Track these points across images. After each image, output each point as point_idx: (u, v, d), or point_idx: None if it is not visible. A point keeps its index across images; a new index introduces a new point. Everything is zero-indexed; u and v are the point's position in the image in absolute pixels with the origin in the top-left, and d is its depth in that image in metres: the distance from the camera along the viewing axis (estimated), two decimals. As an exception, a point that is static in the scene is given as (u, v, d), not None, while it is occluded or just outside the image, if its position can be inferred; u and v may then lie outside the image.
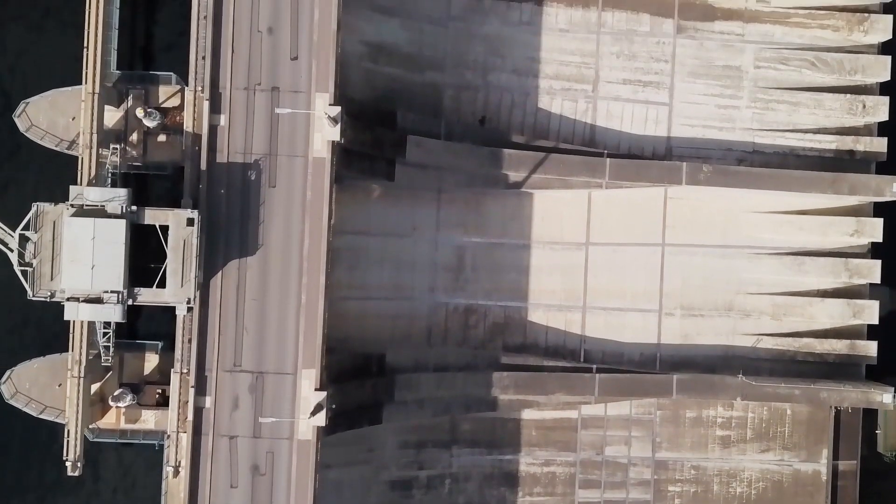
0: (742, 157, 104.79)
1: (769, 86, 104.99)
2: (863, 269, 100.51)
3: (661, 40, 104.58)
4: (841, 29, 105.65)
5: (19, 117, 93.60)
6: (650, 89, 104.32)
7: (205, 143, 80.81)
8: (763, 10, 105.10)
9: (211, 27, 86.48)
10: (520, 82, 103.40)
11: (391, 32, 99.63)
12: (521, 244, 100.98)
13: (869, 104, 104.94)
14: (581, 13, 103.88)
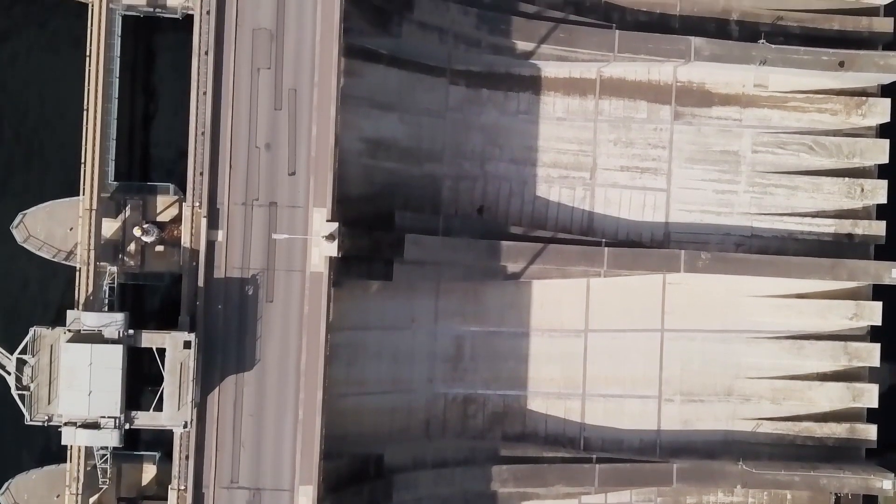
0: (741, 242, 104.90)
1: (767, 170, 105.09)
2: (862, 353, 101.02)
3: (659, 126, 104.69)
4: (839, 112, 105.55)
5: (17, 228, 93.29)
6: (648, 175, 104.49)
7: (202, 258, 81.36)
8: (761, 95, 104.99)
9: (209, 143, 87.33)
10: (518, 171, 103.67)
11: (390, 127, 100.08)
12: (520, 332, 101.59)
13: (867, 187, 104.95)
14: (578, 101, 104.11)
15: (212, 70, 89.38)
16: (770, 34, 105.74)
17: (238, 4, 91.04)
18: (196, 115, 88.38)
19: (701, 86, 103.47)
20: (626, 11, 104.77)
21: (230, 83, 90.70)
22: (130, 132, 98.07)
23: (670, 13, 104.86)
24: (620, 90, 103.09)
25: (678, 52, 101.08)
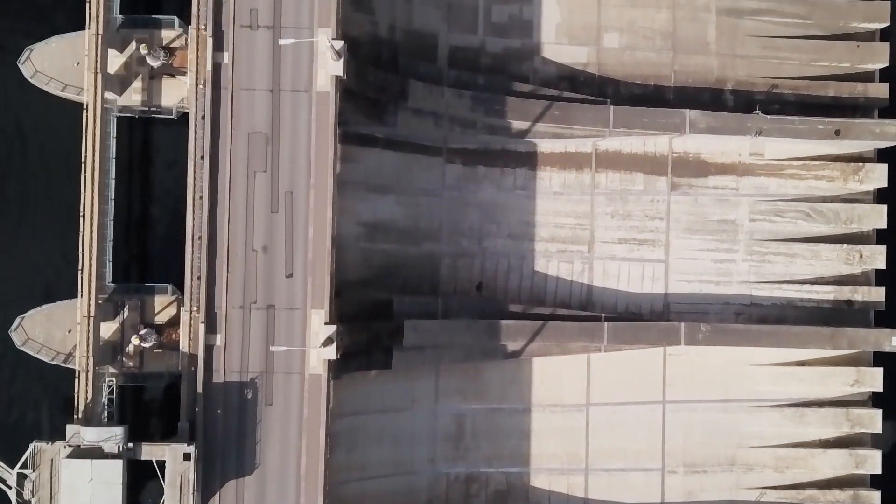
0: (740, 311, 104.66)
1: (765, 238, 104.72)
2: (864, 419, 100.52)
3: (656, 198, 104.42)
4: (836, 179, 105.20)
5: (15, 331, 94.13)
6: (646, 247, 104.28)
7: (201, 363, 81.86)
8: (757, 164, 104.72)
9: (206, 247, 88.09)
10: (516, 246, 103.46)
11: (387, 209, 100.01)
12: (521, 408, 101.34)
13: (866, 253, 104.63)
14: (575, 175, 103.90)
15: (207, 174, 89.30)
16: (765, 102, 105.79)
17: (233, 108, 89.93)
18: (193, 219, 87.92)
19: (697, 156, 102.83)
20: (621, 84, 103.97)
21: (226, 187, 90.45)
22: (127, 232, 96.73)
23: (664, 84, 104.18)
24: (616, 163, 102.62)
25: (673, 125, 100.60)
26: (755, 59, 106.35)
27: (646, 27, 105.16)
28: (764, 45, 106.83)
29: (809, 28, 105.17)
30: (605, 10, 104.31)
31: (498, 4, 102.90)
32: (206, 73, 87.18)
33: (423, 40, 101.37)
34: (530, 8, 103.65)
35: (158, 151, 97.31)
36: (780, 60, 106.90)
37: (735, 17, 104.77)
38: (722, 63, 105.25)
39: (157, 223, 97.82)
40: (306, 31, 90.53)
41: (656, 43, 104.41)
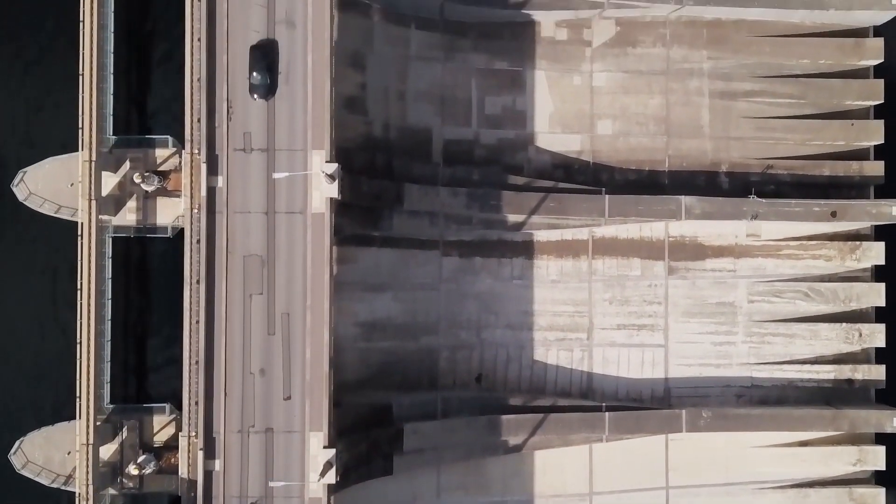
0: (741, 393, 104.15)
1: (764, 319, 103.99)
2: (867, 498, 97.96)
3: (653, 282, 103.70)
4: (833, 258, 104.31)
5: (15, 454, 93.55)
6: (645, 332, 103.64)
7: (200, 489, 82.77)
8: (754, 245, 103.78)
9: (203, 372, 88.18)
10: (514, 337, 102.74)
11: (384, 307, 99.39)
12: (525, 500, 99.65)
13: (865, 332, 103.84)
14: (572, 263, 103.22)
15: (203, 298, 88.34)
16: (760, 183, 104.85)
17: (228, 232, 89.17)
18: (189, 344, 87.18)
19: (693, 239, 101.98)
20: (615, 171, 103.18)
21: (223, 310, 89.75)
22: (125, 353, 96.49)
23: (659, 169, 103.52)
24: (613, 249, 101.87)
25: (669, 211, 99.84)
26: (749, 140, 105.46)
27: (639, 113, 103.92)
28: (758, 127, 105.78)
29: (803, 107, 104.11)
30: (597, 98, 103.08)
31: (491, 96, 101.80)
32: (200, 198, 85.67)
33: (418, 136, 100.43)
34: (523, 99, 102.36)
35: (154, 266, 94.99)
36: (775, 141, 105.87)
37: (728, 99, 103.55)
38: (716, 146, 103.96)
39: (154, 342, 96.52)
40: (300, 154, 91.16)
41: (650, 128, 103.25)
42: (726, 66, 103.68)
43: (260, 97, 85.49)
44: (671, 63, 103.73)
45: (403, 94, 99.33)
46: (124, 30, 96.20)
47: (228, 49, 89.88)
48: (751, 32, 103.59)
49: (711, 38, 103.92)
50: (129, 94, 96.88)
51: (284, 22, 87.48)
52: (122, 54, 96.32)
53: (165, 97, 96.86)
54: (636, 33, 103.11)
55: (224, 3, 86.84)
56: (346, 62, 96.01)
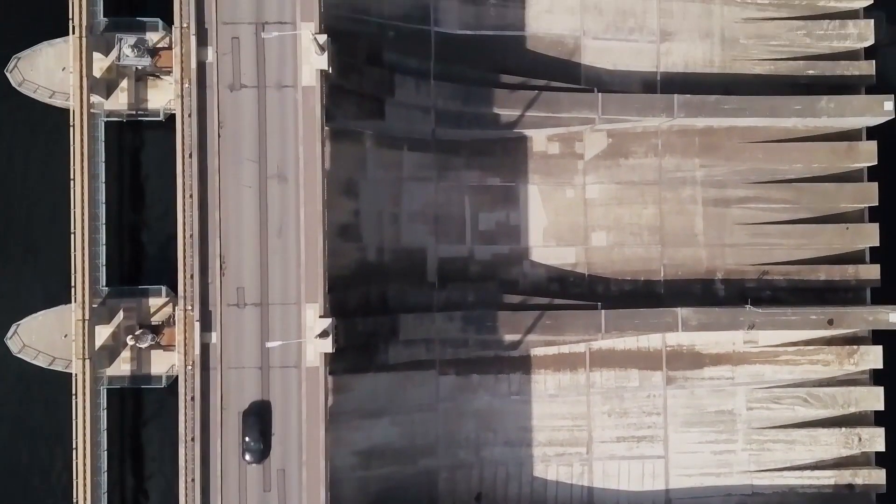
0: (742, 501, 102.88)
1: (763, 426, 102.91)
2: None
3: (652, 393, 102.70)
4: (831, 363, 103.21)
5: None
6: (644, 444, 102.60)
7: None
8: (751, 351, 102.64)
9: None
10: (513, 453, 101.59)
11: (382, 433, 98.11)
12: None
13: (865, 436, 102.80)
14: (569, 376, 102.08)
15: (199, 457, 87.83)
16: (756, 289, 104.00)
17: (223, 387, 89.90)
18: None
19: (691, 348, 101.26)
20: (611, 282, 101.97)
21: (217, 473, 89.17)
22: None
23: (654, 279, 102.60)
24: (611, 361, 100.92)
25: (666, 324, 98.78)
26: (744, 246, 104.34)
27: (633, 223, 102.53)
28: (753, 233, 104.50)
29: (798, 212, 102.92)
30: (591, 210, 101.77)
31: (485, 212, 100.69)
32: (194, 355, 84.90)
33: (412, 257, 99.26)
34: (517, 213, 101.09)
35: (150, 422, 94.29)
36: (770, 246, 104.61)
37: (722, 206, 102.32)
38: (711, 253, 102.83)
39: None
40: (293, 308, 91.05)
41: (644, 238, 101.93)
42: (719, 173, 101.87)
43: (254, 461, 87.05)
44: (664, 172, 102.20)
45: (397, 217, 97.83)
46: (117, 183, 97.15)
47: (220, 206, 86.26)
48: (743, 139, 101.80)
49: (704, 145, 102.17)
50: (121, 243, 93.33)
51: (276, 176, 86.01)
52: (114, 206, 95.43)
53: (160, 245, 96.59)
54: (628, 144, 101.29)
55: (215, 159, 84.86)
56: (340, 190, 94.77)
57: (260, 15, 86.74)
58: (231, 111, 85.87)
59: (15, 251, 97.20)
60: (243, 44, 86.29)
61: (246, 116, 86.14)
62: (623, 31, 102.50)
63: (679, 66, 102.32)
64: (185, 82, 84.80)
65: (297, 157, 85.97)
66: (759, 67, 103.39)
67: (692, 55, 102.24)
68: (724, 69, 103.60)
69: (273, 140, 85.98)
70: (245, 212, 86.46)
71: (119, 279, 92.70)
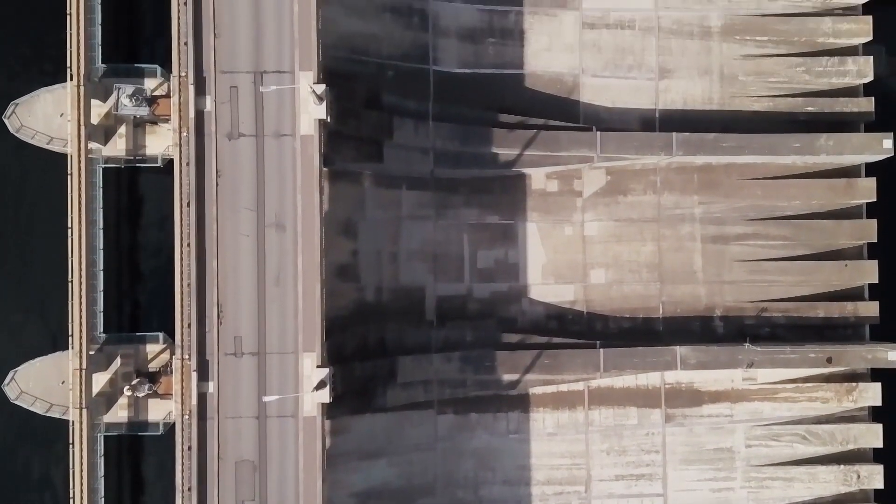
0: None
1: (762, 463, 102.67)
2: None
3: (651, 431, 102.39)
4: (830, 400, 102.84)
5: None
6: (643, 482, 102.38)
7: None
8: (750, 389, 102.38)
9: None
10: (512, 492, 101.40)
11: (380, 474, 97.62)
12: None
13: (864, 473, 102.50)
14: (568, 415, 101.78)
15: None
16: (755, 326, 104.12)
17: (220, 437, 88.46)
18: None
19: (690, 385, 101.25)
20: (609, 320, 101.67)
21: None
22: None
23: (653, 316, 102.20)
24: (609, 398, 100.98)
25: (664, 363, 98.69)
26: (743, 283, 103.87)
27: (632, 260, 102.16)
28: (751, 270, 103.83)
29: (796, 248, 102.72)
30: (590, 247, 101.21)
31: (483, 250, 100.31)
32: (191, 405, 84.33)
33: (411, 296, 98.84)
34: (515, 251, 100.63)
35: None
36: (768, 283, 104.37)
37: (721, 243, 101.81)
38: (710, 290, 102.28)
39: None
40: (291, 357, 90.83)
41: (643, 275, 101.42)
42: (718, 210, 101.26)
43: None
44: (662, 209, 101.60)
45: (396, 255, 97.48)
46: (115, 229, 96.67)
47: (218, 254, 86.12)
48: (742, 175, 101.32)
49: (702, 182, 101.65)
50: (120, 289, 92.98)
51: (274, 225, 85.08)
52: (112, 253, 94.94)
53: (158, 291, 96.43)
54: (627, 181, 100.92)
55: (213, 208, 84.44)
56: (338, 231, 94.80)
57: (258, 64, 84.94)
58: (229, 160, 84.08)
59: (12, 294, 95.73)
60: (242, 92, 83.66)
61: (244, 165, 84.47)
62: (622, 69, 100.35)
63: (678, 103, 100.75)
64: (184, 131, 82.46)
65: (294, 205, 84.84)
66: (758, 104, 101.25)
67: (691, 92, 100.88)
68: (722, 106, 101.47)
69: (271, 189, 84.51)
70: (243, 260, 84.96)
71: (117, 326, 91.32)
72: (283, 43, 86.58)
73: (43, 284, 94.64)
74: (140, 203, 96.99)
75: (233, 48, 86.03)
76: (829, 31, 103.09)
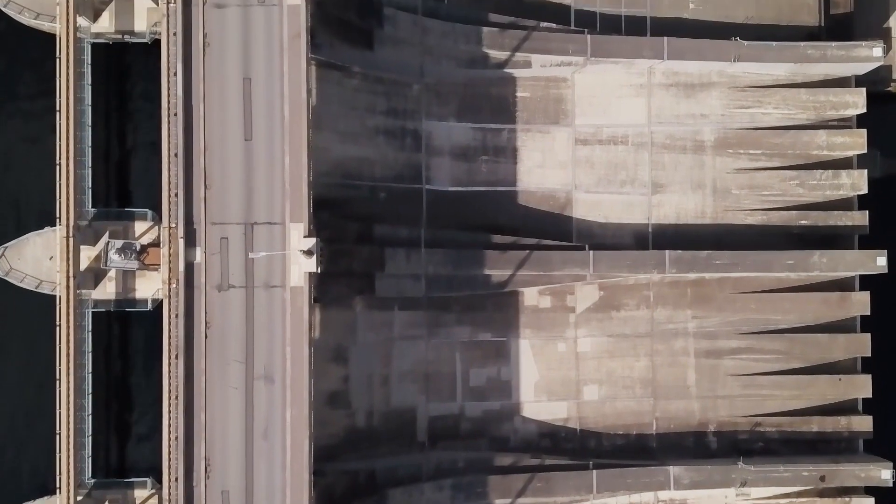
0: None
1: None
2: None
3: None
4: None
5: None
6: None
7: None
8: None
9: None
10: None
11: None
12: None
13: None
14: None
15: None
16: (749, 441, 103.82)
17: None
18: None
19: (683, 502, 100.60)
20: (603, 437, 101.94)
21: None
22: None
23: (646, 433, 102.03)
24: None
25: (658, 483, 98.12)
26: (737, 398, 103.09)
27: (625, 376, 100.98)
28: (745, 384, 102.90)
29: (790, 361, 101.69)
30: (583, 363, 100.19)
31: (476, 368, 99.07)
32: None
33: (402, 417, 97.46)
34: (508, 368, 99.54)
35: None
36: (762, 397, 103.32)
37: (714, 358, 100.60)
38: (703, 405, 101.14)
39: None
40: None
41: (636, 391, 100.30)
42: (711, 324, 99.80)
43: None
44: (656, 324, 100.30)
45: (387, 378, 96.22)
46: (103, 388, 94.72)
47: (206, 406, 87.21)
48: (735, 289, 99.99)
49: (696, 296, 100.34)
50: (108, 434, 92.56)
51: (263, 378, 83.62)
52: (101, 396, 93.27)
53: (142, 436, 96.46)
54: (620, 296, 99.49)
55: (202, 360, 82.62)
56: (329, 358, 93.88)
57: (249, 215, 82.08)
58: (218, 311, 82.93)
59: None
60: (232, 244, 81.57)
61: (233, 316, 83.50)
62: (615, 184, 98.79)
63: (671, 217, 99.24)
64: (173, 282, 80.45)
65: (283, 358, 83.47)
66: (752, 218, 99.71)
67: (684, 206, 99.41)
68: (715, 220, 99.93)
69: (260, 340, 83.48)
70: (231, 413, 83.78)
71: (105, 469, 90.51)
72: (273, 194, 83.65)
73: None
74: (126, 351, 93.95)
75: (223, 199, 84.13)
76: (823, 145, 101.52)
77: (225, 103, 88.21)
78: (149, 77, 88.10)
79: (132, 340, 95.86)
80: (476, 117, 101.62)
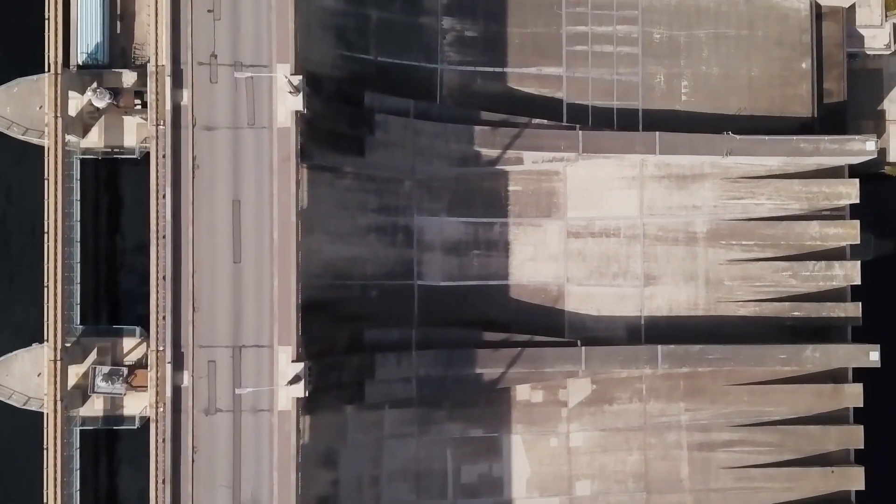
0: None
1: None
2: None
3: None
4: None
5: None
6: None
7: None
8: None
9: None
10: None
11: None
12: None
13: None
14: None
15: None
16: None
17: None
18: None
19: None
20: None
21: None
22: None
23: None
24: None
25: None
26: (730, 491, 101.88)
27: (617, 471, 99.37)
28: (738, 477, 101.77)
29: (783, 453, 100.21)
30: (575, 458, 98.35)
31: (467, 465, 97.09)
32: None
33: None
34: (500, 465, 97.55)
35: None
36: (755, 490, 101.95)
37: (707, 450, 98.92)
38: (696, 498, 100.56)
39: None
40: None
41: (629, 485, 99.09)
42: (704, 416, 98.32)
43: None
44: (648, 418, 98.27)
45: (377, 479, 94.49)
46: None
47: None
48: (728, 381, 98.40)
49: (688, 389, 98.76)
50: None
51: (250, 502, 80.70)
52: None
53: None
54: (613, 389, 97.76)
55: (189, 485, 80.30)
56: (318, 463, 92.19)
57: (237, 338, 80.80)
58: (206, 435, 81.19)
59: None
60: (220, 367, 79.39)
61: (221, 441, 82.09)
62: (607, 277, 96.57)
63: (663, 309, 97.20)
64: (160, 406, 78.27)
65: (271, 483, 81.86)
66: (744, 309, 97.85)
67: (676, 298, 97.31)
68: (708, 311, 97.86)
69: (247, 465, 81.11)
70: (220, 539, 79.53)
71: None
72: (262, 317, 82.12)
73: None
74: (116, 468, 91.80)
75: (212, 322, 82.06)
76: (816, 235, 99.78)
77: (214, 225, 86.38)
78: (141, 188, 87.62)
79: (118, 458, 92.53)
80: (468, 211, 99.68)
